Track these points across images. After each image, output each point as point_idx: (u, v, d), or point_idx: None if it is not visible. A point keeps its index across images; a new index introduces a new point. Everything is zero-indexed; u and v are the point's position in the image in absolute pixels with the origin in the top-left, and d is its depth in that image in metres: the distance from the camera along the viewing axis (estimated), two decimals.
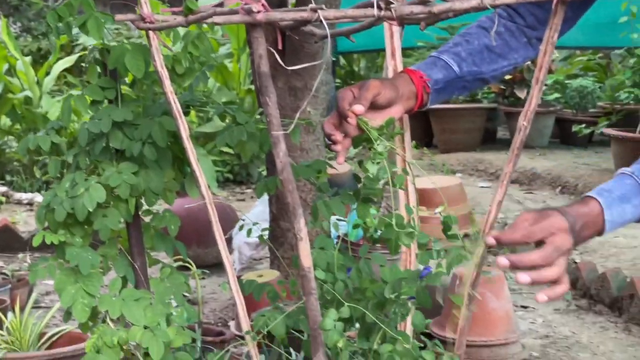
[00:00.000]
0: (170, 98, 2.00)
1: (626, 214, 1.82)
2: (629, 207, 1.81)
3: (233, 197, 8.47)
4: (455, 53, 2.12)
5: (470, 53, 2.12)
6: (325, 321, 1.84)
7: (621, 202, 1.82)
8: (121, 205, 2.27)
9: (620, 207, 1.81)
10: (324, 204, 2.07)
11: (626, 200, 1.82)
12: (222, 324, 4.80)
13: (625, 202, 1.82)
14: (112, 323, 2.23)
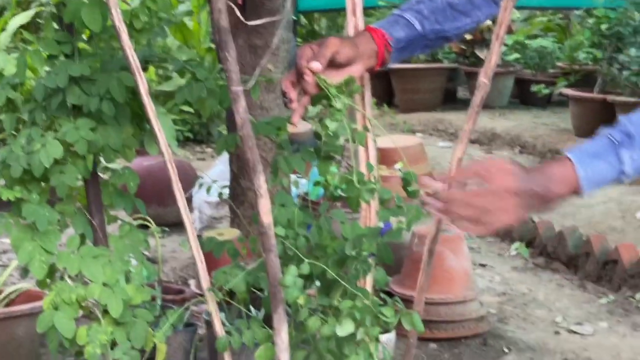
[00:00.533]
0: (128, 53, 1.98)
1: (601, 171, 1.77)
2: (603, 164, 1.77)
3: (193, 156, 8.44)
4: (417, 11, 2.10)
5: (432, 11, 2.10)
6: (286, 278, 1.84)
7: (594, 158, 1.78)
8: (79, 162, 2.24)
9: (593, 163, 1.77)
10: (284, 160, 2.07)
11: (599, 157, 1.78)
12: (183, 282, 4.80)
13: (598, 159, 1.78)
14: (70, 280, 2.22)
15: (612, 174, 1.77)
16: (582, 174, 1.76)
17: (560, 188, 1.76)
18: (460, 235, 4.17)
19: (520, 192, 1.73)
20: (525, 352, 3.87)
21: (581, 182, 1.76)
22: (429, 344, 3.95)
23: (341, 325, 1.87)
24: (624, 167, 1.76)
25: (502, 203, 1.73)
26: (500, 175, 1.73)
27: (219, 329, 2.07)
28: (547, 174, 1.77)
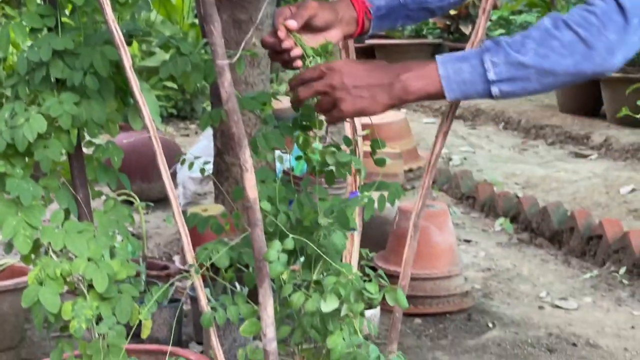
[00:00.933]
0: (112, 26, 1.96)
1: (463, 72, 1.79)
2: (466, 66, 1.79)
3: (177, 132, 8.41)
4: None
5: None
6: (269, 253, 1.84)
7: (458, 60, 1.80)
8: (63, 136, 2.23)
9: (456, 64, 1.80)
10: (263, 137, 2.05)
11: (464, 59, 1.80)
12: (167, 258, 4.79)
13: (462, 61, 1.80)
14: (54, 255, 2.20)
15: (476, 77, 1.78)
16: (442, 72, 1.79)
17: (417, 83, 1.81)
18: (445, 211, 4.17)
19: (352, 87, 1.81)
20: (509, 327, 3.89)
21: (442, 81, 1.79)
22: (414, 319, 3.96)
23: (325, 302, 1.87)
24: (487, 73, 1.77)
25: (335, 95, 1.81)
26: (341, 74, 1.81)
27: (204, 304, 2.06)
28: (409, 68, 1.83)
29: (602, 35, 1.72)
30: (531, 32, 1.77)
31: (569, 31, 1.74)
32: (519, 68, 1.76)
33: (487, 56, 1.77)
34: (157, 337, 3.44)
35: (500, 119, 8.20)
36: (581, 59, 1.74)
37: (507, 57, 1.75)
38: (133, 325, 2.24)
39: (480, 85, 1.78)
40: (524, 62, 1.75)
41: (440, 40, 10.08)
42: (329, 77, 1.82)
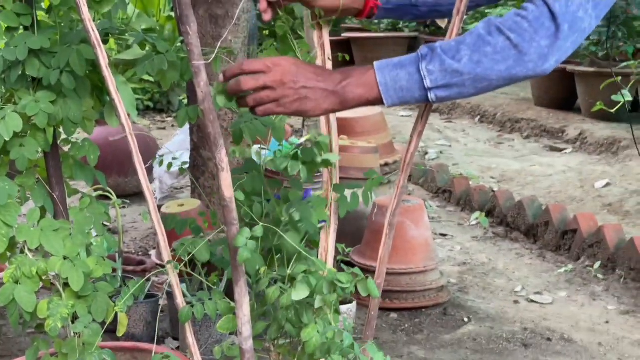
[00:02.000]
0: (88, 26, 1.96)
1: (400, 80, 1.81)
2: (403, 73, 1.81)
3: (154, 125, 8.40)
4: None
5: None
6: (238, 238, 1.84)
7: (395, 67, 1.82)
8: (39, 135, 2.23)
9: (394, 71, 1.81)
10: (247, 127, 2.05)
11: (401, 66, 1.82)
12: (143, 253, 4.79)
13: (399, 68, 1.81)
14: (30, 253, 2.20)
15: (413, 85, 1.80)
16: (381, 79, 1.81)
17: (357, 90, 1.83)
18: (421, 206, 4.19)
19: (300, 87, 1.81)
20: (485, 322, 3.92)
21: (380, 88, 1.81)
22: (390, 313, 3.98)
23: (295, 290, 1.88)
24: (424, 80, 1.79)
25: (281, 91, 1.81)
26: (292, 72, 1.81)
27: (180, 300, 2.07)
28: (348, 76, 1.83)
29: (534, 41, 1.75)
30: (465, 38, 1.79)
31: (502, 37, 1.76)
32: (454, 75, 1.78)
33: (423, 64, 1.79)
34: (133, 333, 3.44)
35: (476, 113, 8.23)
36: (514, 64, 1.77)
37: (442, 65, 1.78)
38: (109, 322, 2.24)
39: (418, 92, 1.81)
40: (459, 69, 1.78)
41: (416, 34, 10.10)
42: (278, 73, 1.81)
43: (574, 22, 1.75)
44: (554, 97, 7.73)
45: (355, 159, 4.70)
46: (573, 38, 1.77)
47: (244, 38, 4.34)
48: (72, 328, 2.19)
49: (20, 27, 2.21)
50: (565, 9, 1.74)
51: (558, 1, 1.74)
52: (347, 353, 1.89)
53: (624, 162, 6.20)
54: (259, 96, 1.83)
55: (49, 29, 2.23)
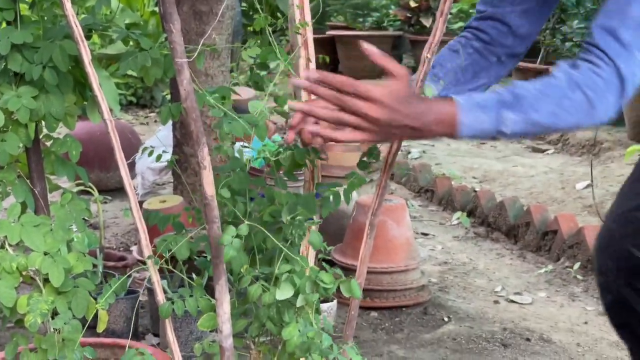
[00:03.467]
0: (71, 21, 1.96)
1: (482, 123, 1.87)
2: (485, 117, 1.86)
3: (136, 120, 8.38)
4: (434, 74, 2.19)
5: (446, 74, 2.21)
6: (224, 237, 1.85)
7: (479, 109, 1.87)
8: (20, 130, 2.22)
9: (477, 113, 1.87)
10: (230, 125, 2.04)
11: (484, 109, 1.87)
12: (124, 248, 4.78)
13: (482, 111, 1.87)
14: (10, 249, 2.20)
15: (491, 128, 1.87)
16: (464, 119, 1.86)
17: (438, 126, 1.87)
18: (402, 205, 4.20)
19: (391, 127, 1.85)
20: (464, 321, 3.93)
21: (460, 127, 1.86)
22: (371, 312, 3.99)
23: (280, 290, 1.89)
24: (502, 126, 1.86)
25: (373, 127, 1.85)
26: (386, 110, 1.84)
27: (161, 297, 2.07)
28: (431, 109, 1.87)
29: (605, 98, 1.87)
30: (548, 90, 1.88)
31: (580, 92, 1.87)
32: (533, 125, 1.88)
33: (505, 112, 1.87)
34: (113, 329, 3.44)
35: None
36: (584, 117, 1.89)
37: (525, 115, 1.87)
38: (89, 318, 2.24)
39: (492, 134, 1.90)
40: (539, 121, 1.88)
41: (400, 33, 10.11)
42: (372, 108, 1.84)
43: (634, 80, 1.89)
44: None
45: (338, 157, 4.71)
46: (630, 93, 1.90)
47: (228, 35, 4.34)
48: (52, 324, 2.19)
49: (3, 22, 2.21)
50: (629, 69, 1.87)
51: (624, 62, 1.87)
52: (326, 353, 1.89)
53: (605, 163, 6.23)
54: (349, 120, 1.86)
55: (31, 24, 2.23)
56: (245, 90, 5.32)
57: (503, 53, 2.27)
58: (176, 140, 4.49)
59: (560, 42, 7.42)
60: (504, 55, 2.28)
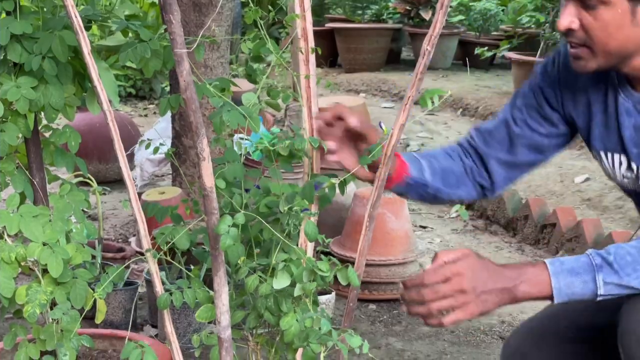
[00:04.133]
0: (71, 12, 1.96)
1: (575, 287, 1.90)
2: (578, 282, 1.90)
3: (135, 112, 8.38)
4: (430, 162, 2.25)
5: (441, 170, 2.26)
6: (220, 226, 1.85)
7: (570, 274, 1.91)
8: (20, 121, 2.22)
9: (568, 278, 1.90)
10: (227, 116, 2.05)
11: (575, 274, 1.91)
12: (123, 240, 4.78)
13: (574, 276, 1.90)
14: (9, 239, 2.20)
15: (585, 291, 1.91)
16: (555, 284, 1.90)
17: (530, 290, 1.92)
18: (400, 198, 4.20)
19: (480, 292, 1.89)
20: None
21: (553, 292, 1.90)
22: (369, 304, 3.99)
23: (277, 279, 1.90)
24: (598, 289, 1.90)
25: (462, 299, 1.89)
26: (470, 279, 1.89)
27: (159, 288, 2.07)
28: (522, 275, 1.92)
29: None
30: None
31: None
32: (627, 289, 1.91)
33: (600, 276, 1.90)
34: (111, 321, 3.44)
35: (459, 106, 8.24)
36: None
37: (620, 280, 1.90)
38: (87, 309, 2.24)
39: (588, 297, 1.92)
40: (634, 286, 1.91)
41: (400, 25, 10.10)
42: (458, 282, 1.89)
43: None
44: None
45: None
46: None
47: (227, 26, 4.34)
48: (50, 314, 2.19)
49: (3, 12, 2.21)
50: None
51: None
52: (325, 340, 1.90)
53: None
54: (441, 305, 1.90)
55: (31, 14, 2.23)
56: (245, 82, 5.32)
57: (478, 182, 2.31)
58: (175, 132, 4.49)
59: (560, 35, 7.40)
60: (478, 185, 2.32)
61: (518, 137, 2.25)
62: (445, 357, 3.50)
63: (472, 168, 2.30)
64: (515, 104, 2.28)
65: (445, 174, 2.25)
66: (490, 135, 2.28)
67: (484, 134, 2.30)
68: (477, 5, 9.96)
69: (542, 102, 2.24)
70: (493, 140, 2.27)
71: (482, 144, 2.29)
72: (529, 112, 2.25)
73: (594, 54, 2.01)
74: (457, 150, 2.32)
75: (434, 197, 2.28)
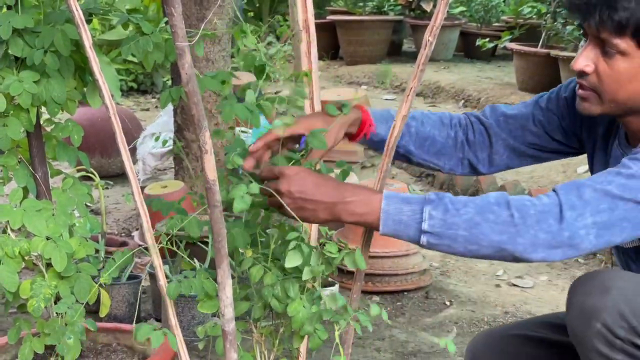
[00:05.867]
0: (72, 6, 1.95)
1: (403, 214, 1.89)
2: (407, 209, 1.89)
3: (137, 106, 8.37)
4: (407, 124, 2.24)
5: (417, 133, 2.25)
6: (235, 191, 1.86)
7: (402, 202, 1.90)
8: (22, 115, 2.22)
9: (399, 205, 1.90)
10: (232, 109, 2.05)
11: (407, 202, 1.90)
12: (126, 234, 4.78)
13: (405, 203, 1.90)
14: (13, 234, 2.20)
15: (411, 223, 1.89)
16: (385, 206, 1.90)
17: (358, 210, 1.92)
18: (404, 188, 4.20)
19: (298, 198, 1.91)
20: (466, 305, 3.94)
21: (381, 215, 1.90)
22: (372, 296, 4.00)
23: (288, 258, 1.90)
24: (423, 222, 1.87)
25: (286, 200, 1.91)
26: (290, 182, 1.91)
27: (163, 280, 2.07)
28: (356, 195, 1.93)
29: (532, 228, 1.84)
30: (476, 199, 1.89)
31: (507, 211, 1.85)
32: (450, 226, 1.86)
33: (427, 207, 1.88)
34: (115, 314, 3.45)
35: (460, 97, 8.24)
36: (507, 239, 1.85)
37: (445, 214, 1.86)
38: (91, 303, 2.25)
39: (412, 231, 1.89)
40: (457, 223, 1.86)
41: (401, 17, 10.08)
42: (280, 182, 1.92)
43: (574, 236, 1.84)
44: (538, 81, 7.74)
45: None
46: (566, 248, 1.86)
47: (228, 20, 4.33)
48: (54, 308, 2.19)
49: (4, 7, 2.21)
50: (573, 220, 1.84)
51: (571, 210, 1.84)
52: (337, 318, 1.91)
53: None
54: (274, 200, 1.93)
55: (32, 8, 2.23)
56: (246, 75, 5.32)
57: (468, 159, 2.30)
58: (177, 125, 4.49)
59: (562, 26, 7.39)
60: (467, 161, 2.31)
61: (532, 134, 2.27)
62: None
63: (471, 143, 2.30)
64: (539, 103, 2.29)
65: (423, 140, 2.25)
66: (506, 120, 2.29)
67: (500, 115, 2.30)
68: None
69: (565, 114, 2.26)
70: (508, 126, 2.28)
71: (495, 123, 2.29)
72: (549, 117, 2.26)
73: (600, 100, 2.03)
74: (459, 122, 2.32)
75: (406, 159, 2.29)
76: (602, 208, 1.86)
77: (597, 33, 1.97)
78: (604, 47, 1.98)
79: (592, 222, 1.85)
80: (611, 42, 1.95)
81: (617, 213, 1.87)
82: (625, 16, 1.92)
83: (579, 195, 1.86)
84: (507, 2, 9.94)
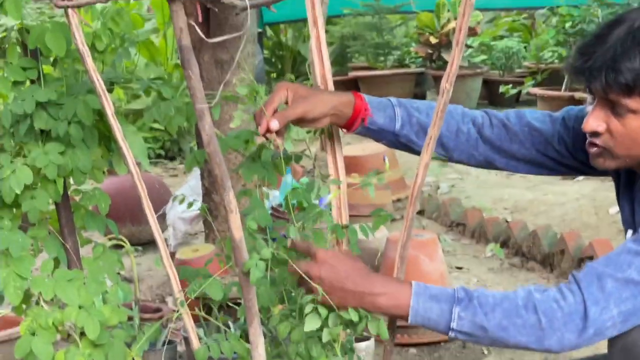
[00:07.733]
0: (93, 76, 1.99)
1: (432, 312, 1.93)
2: (436, 308, 1.93)
3: (166, 173, 8.43)
4: (409, 114, 2.25)
5: (420, 124, 2.24)
6: (249, 261, 1.87)
7: (431, 299, 1.94)
8: (49, 186, 2.25)
9: (428, 303, 1.94)
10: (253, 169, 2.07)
11: (436, 300, 1.94)
12: (160, 300, 4.79)
13: (434, 302, 1.93)
14: (46, 305, 2.22)
15: (440, 320, 1.93)
16: (414, 304, 1.94)
17: (388, 303, 1.95)
18: (434, 239, 4.19)
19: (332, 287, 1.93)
20: (504, 353, 3.90)
21: (410, 311, 1.94)
22: (409, 349, 3.97)
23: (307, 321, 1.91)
24: (452, 322, 1.92)
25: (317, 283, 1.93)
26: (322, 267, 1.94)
27: (195, 342, 2.08)
28: (386, 287, 1.97)
29: (559, 331, 1.90)
30: (503, 302, 1.93)
31: (535, 316, 1.91)
32: (480, 329, 1.92)
33: (457, 308, 1.93)
34: None
35: None
36: (534, 340, 1.92)
37: (474, 317, 1.92)
38: None
39: (441, 327, 1.95)
40: (486, 327, 1.92)
41: (422, 69, 10.12)
42: (311, 265, 1.95)
43: (600, 330, 1.91)
44: None
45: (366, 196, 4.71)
46: (592, 339, 1.92)
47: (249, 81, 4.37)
48: None
49: (27, 81, 2.25)
50: (598, 316, 1.89)
51: (595, 305, 1.89)
52: None
53: None
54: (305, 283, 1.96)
55: (55, 81, 2.26)
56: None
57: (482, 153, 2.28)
58: (205, 189, 4.52)
59: None
60: (482, 157, 2.29)
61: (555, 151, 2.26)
62: None
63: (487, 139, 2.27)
64: (566, 121, 2.27)
65: (425, 131, 2.20)
66: (531, 131, 2.27)
67: (525, 125, 2.28)
68: (498, 44, 9.98)
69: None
70: (532, 138, 2.26)
71: (520, 131, 2.27)
72: (574, 138, 2.25)
73: (614, 157, 2.05)
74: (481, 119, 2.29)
75: (408, 148, 2.28)
76: (625, 297, 1.91)
77: (604, 95, 1.98)
78: (613, 107, 1.98)
79: (617, 313, 1.90)
80: (621, 103, 1.96)
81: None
82: (630, 77, 1.92)
83: (600, 288, 1.90)
84: (529, 49, 9.96)
